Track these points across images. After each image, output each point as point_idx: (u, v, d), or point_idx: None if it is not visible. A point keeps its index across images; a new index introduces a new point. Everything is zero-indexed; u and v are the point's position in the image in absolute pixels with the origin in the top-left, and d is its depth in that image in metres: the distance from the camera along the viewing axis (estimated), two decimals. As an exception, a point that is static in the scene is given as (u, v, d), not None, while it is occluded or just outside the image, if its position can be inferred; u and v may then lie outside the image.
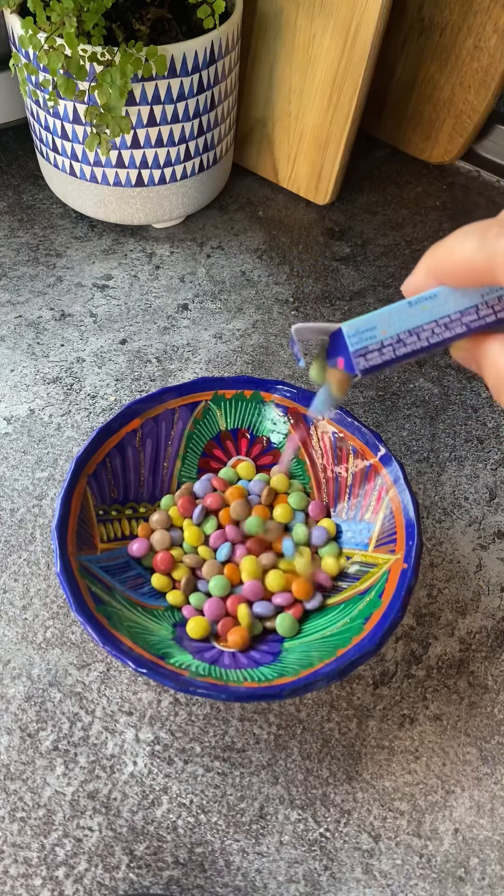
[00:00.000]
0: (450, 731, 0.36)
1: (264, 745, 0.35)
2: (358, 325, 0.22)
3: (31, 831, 0.33)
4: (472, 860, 0.33)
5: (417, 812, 0.34)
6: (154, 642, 0.33)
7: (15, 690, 0.36)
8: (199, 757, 0.35)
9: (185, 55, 0.47)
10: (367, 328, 0.22)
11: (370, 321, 0.22)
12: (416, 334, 0.22)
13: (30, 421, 0.47)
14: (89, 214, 0.58)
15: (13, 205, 0.61)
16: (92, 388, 0.49)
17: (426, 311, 0.21)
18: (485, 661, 0.39)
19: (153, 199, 0.55)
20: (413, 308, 0.22)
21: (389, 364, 0.22)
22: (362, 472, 0.39)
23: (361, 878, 0.32)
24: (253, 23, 0.58)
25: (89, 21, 0.44)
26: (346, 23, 0.53)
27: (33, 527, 0.42)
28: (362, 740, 0.36)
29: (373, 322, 0.22)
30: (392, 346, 0.22)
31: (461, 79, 0.61)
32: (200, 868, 0.32)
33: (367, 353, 0.22)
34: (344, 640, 0.33)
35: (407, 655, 0.39)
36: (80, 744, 0.35)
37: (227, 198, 0.63)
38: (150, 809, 0.33)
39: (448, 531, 0.43)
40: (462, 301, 0.21)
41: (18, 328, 0.52)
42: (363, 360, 0.22)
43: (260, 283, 0.57)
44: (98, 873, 0.32)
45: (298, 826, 0.33)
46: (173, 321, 0.53)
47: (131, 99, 0.48)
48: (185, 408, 0.41)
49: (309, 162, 0.61)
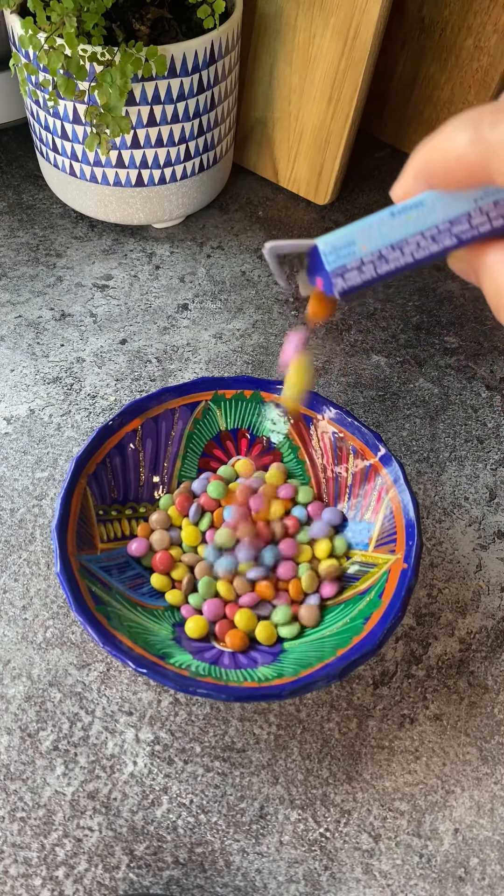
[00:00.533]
0: (450, 731, 0.36)
1: (264, 745, 0.35)
2: (335, 241, 0.20)
3: (31, 831, 0.33)
4: (472, 860, 0.33)
5: (417, 812, 0.34)
6: (154, 642, 0.33)
7: (15, 690, 0.36)
8: (199, 757, 0.35)
9: (185, 55, 0.47)
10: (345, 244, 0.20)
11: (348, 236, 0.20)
12: (399, 249, 0.19)
13: (30, 421, 0.47)
14: (89, 214, 0.58)
15: (13, 205, 0.61)
16: (92, 388, 0.49)
17: (411, 221, 0.19)
18: (485, 661, 0.38)
19: (153, 199, 0.55)
20: (396, 219, 0.19)
21: (371, 283, 0.20)
22: (362, 472, 0.39)
23: (361, 878, 0.32)
24: (253, 23, 0.58)
25: (89, 21, 0.44)
26: (346, 23, 0.53)
27: (33, 527, 0.42)
28: (362, 740, 0.36)
29: (351, 237, 0.20)
30: (373, 263, 0.20)
31: (461, 79, 0.61)
32: (200, 868, 0.32)
33: (345, 273, 0.20)
34: (344, 641, 0.33)
35: (407, 655, 0.39)
36: (80, 744, 0.35)
37: (227, 198, 0.63)
38: (150, 809, 0.33)
39: (448, 531, 0.43)
40: (452, 208, 0.19)
41: (18, 328, 0.52)
42: (341, 281, 0.20)
43: (260, 283, 0.57)
44: (98, 873, 0.32)
45: (298, 826, 0.33)
46: (173, 321, 0.53)
47: (131, 99, 0.48)
48: (185, 408, 0.41)
49: (309, 162, 0.61)
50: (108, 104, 0.45)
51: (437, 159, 0.17)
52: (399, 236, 0.19)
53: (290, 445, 0.42)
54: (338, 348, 0.53)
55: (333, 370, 0.51)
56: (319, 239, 0.20)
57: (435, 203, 0.19)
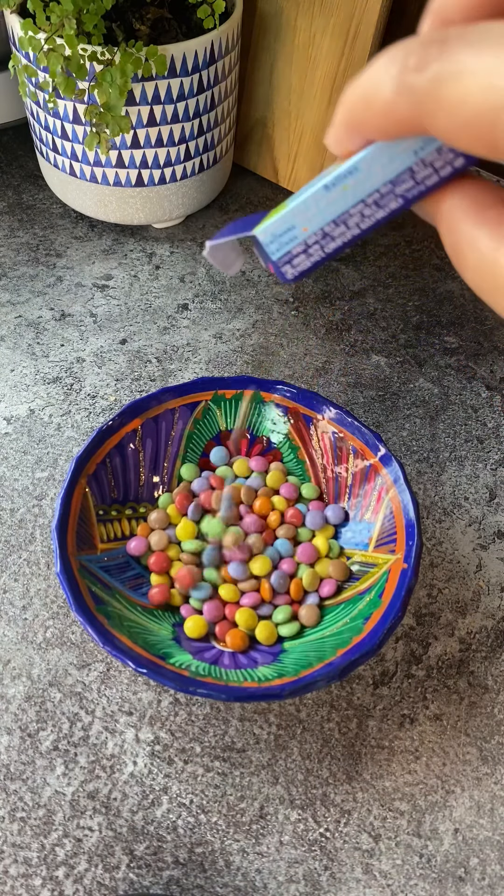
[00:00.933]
0: (450, 731, 0.36)
1: (264, 745, 0.35)
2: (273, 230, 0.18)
3: (31, 831, 0.33)
4: (472, 860, 0.33)
5: (417, 812, 0.34)
6: (154, 642, 0.33)
7: (15, 690, 0.36)
8: (199, 757, 0.35)
9: (185, 55, 0.47)
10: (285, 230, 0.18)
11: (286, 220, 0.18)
12: (343, 223, 0.18)
13: (30, 421, 0.47)
14: (89, 214, 0.58)
15: (13, 205, 0.61)
16: (92, 388, 0.49)
17: (349, 191, 0.17)
18: (485, 661, 0.38)
19: (153, 199, 0.55)
20: (332, 191, 0.17)
21: (323, 262, 0.19)
22: (362, 472, 0.39)
23: (361, 878, 0.32)
24: (253, 23, 0.58)
25: (89, 22, 0.44)
26: (346, 22, 0.53)
27: (33, 527, 0.42)
28: (362, 740, 0.36)
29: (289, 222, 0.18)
30: (319, 244, 0.18)
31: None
32: (200, 868, 0.32)
33: (292, 260, 0.19)
34: (344, 641, 0.33)
35: (407, 655, 0.39)
36: (80, 744, 0.35)
37: (227, 198, 0.63)
38: (150, 809, 0.33)
39: (448, 531, 0.43)
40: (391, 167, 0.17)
41: (18, 328, 0.52)
42: (290, 268, 0.19)
43: (260, 283, 0.57)
44: (98, 873, 0.32)
45: (298, 826, 0.33)
46: (173, 321, 0.53)
47: (131, 99, 0.48)
48: (185, 408, 0.41)
49: (309, 162, 0.61)
50: (107, 103, 0.45)
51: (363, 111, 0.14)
52: (339, 210, 0.17)
53: (290, 445, 0.42)
54: (338, 348, 0.53)
55: (333, 370, 0.51)
56: (257, 229, 0.18)
57: (371, 164, 0.17)
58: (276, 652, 0.35)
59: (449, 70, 0.13)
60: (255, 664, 0.34)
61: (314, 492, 0.40)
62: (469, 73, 0.12)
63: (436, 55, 0.13)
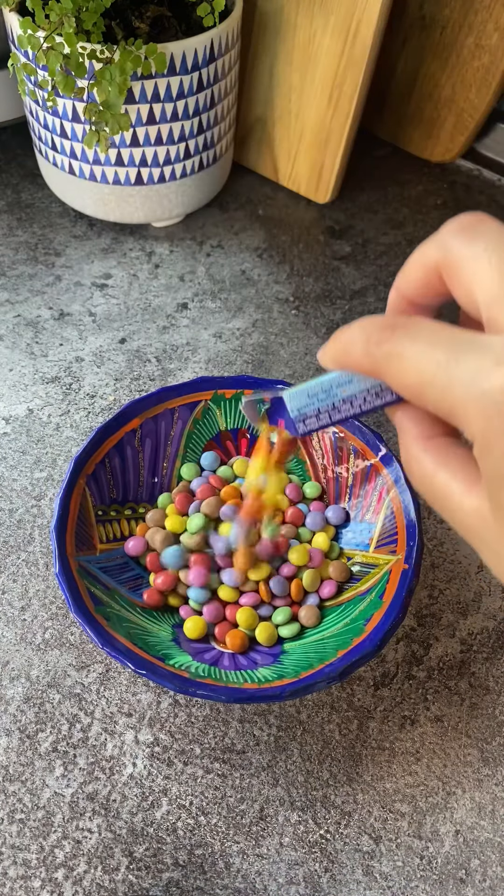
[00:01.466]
0: (451, 732, 0.36)
1: (264, 747, 0.35)
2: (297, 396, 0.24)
3: (31, 833, 0.32)
4: (473, 862, 0.33)
5: (418, 814, 0.34)
6: (153, 643, 0.33)
7: (14, 692, 0.36)
8: (198, 758, 0.35)
9: (185, 53, 0.47)
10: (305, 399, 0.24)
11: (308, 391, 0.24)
12: (349, 402, 0.23)
13: (28, 421, 0.47)
14: (88, 213, 0.57)
15: (12, 203, 0.61)
16: (91, 387, 0.49)
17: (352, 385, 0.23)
18: (486, 663, 0.38)
19: (152, 197, 0.55)
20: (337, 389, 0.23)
21: (327, 426, 0.24)
22: (363, 472, 0.39)
23: (362, 880, 0.32)
24: (253, 21, 0.57)
25: (88, 20, 0.44)
26: (346, 21, 0.52)
27: (32, 527, 0.42)
28: (363, 742, 0.36)
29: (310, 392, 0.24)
30: (328, 413, 0.24)
31: (462, 77, 0.61)
32: (200, 870, 0.32)
33: (305, 419, 0.24)
34: (344, 642, 0.33)
35: (408, 656, 0.38)
36: (79, 745, 0.35)
37: (226, 196, 0.63)
38: (150, 811, 0.33)
39: (449, 532, 0.43)
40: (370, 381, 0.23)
41: (17, 327, 0.52)
42: (302, 425, 0.24)
43: (260, 282, 0.56)
44: (97, 875, 0.32)
45: (299, 828, 0.33)
46: (173, 320, 0.53)
47: (130, 97, 0.48)
48: (185, 407, 0.41)
49: (309, 160, 0.61)
50: (107, 101, 0.44)
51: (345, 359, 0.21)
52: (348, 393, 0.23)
53: (290, 445, 0.42)
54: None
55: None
56: (284, 392, 0.24)
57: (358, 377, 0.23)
58: (276, 653, 0.35)
59: (394, 352, 0.19)
60: (255, 665, 0.34)
61: (317, 490, 0.40)
62: (406, 357, 0.19)
63: (387, 338, 0.19)
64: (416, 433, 0.21)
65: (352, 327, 0.21)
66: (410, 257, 0.22)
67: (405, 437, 0.22)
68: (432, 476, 0.20)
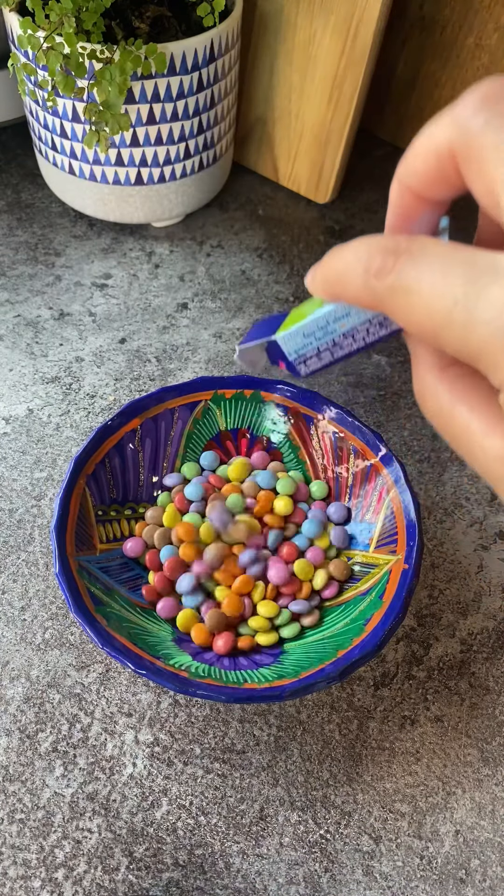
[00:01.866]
0: (451, 732, 0.36)
1: (264, 747, 0.35)
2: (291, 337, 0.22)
3: (31, 833, 0.32)
4: (473, 862, 0.33)
5: (418, 814, 0.34)
6: (153, 643, 0.33)
7: (14, 692, 0.36)
8: (198, 758, 0.35)
9: (185, 53, 0.47)
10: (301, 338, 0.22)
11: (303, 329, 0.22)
12: (350, 336, 0.21)
13: (28, 421, 0.47)
14: (88, 213, 0.57)
15: (12, 203, 0.61)
16: (91, 387, 0.49)
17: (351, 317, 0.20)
18: (486, 663, 0.38)
19: (152, 197, 0.55)
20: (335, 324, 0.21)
21: (330, 365, 0.22)
22: (363, 472, 0.39)
23: (362, 880, 0.32)
24: (253, 21, 0.57)
25: (88, 20, 0.44)
26: (346, 21, 0.52)
27: (32, 527, 0.42)
28: (363, 742, 0.36)
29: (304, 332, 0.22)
30: (329, 351, 0.22)
31: (462, 77, 0.61)
32: (200, 870, 0.32)
33: (306, 360, 0.22)
34: (344, 642, 0.33)
35: (408, 656, 0.38)
36: (79, 745, 0.35)
37: (226, 196, 0.63)
38: (150, 811, 0.33)
39: (449, 532, 0.43)
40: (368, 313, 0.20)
41: (17, 327, 0.52)
42: (304, 366, 0.22)
43: (260, 282, 0.56)
44: (97, 875, 0.32)
45: (299, 828, 0.33)
46: (173, 320, 0.53)
47: (131, 97, 0.48)
48: (185, 407, 0.41)
49: (309, 160, 0.61)
50: (107, 101, 0.44)
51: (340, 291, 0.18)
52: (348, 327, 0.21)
53: (290, 445, 0.42)
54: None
55: (334, 370, 0.51)
56: (277, 335, 0.22)
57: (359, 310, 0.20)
58: (277, 653, 0.35)
59: (399, 285, 0.16)
60: (255, 665, 0.34)
61: (324, 490, 0.40)
62: (415, 292, 0.15)
63: (390, 267, 0.16)
64: (430, 361, 0.18)
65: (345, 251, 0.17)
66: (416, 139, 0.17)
67: (418, 365, 0.18)
68: (450, 411, 0.17)
